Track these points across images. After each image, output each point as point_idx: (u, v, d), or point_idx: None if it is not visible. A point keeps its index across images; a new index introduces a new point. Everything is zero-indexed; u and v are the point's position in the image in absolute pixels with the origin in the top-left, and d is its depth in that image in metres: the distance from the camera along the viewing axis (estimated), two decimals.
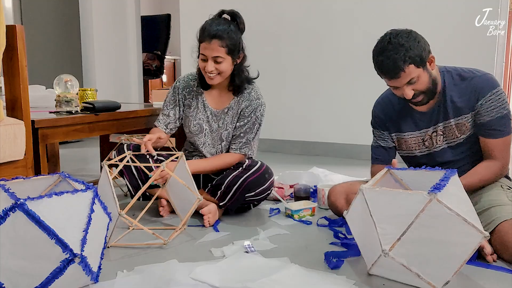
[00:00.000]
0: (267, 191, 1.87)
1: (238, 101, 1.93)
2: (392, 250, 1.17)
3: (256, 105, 1.92)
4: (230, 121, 1.94)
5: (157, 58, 5.26)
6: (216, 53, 1.77)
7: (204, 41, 1.78)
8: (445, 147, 1.65)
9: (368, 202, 1.24)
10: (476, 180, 1.57)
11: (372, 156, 1.81)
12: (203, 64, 1.82)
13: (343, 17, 3.45)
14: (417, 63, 1.47)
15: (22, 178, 1.37)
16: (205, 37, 1.77)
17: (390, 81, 1.53)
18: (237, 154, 1.92)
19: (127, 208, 1.49)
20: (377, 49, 1.53)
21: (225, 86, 1.93)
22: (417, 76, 1.49)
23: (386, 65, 1.48)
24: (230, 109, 1.93)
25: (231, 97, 1.94)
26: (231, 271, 1.34)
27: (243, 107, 1.92)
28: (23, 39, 1.62)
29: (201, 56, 1.82)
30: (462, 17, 3.04)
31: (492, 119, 1.54)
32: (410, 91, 1.52)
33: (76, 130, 1.92)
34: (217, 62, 1.79)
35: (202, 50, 1.80)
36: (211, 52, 1.77)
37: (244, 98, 1.92)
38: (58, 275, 1.11)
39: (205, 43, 1.78)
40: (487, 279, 1.30)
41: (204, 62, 1.81)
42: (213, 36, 1.75)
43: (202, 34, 1.79)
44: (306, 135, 3.69)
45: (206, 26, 1.79)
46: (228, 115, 1.94)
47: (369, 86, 3.19)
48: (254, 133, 1.94)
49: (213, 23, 1.79)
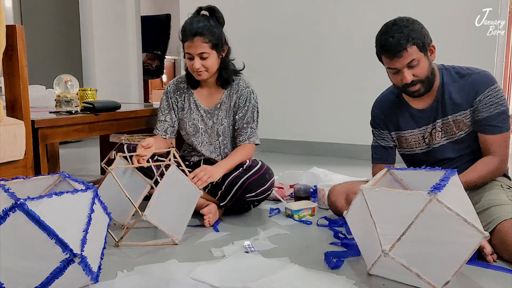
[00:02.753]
0: (268, 191, 1.87)
1: (228, 94, 1.95)
2: (392, 250, 1.17)
3: (248, 93, 1.94)
4: (224, 115, 1.95)
5: (157, 58, 5.26)
6: (200, 50, 1.78)
7: (187, 40, 1.79)
8: (445, 143, 1.66)
9: (368, 202, 1.24)
10: (474, 177, 1.57)
11: (372, 156, 1.82)
12: (190, 63, 1.84)
13: (343, 17, 3.45)
14: (420, 46, 1.50)
15: (22, 178, 1.37)
16: (187, 36, 1.79)
17: (391, 62, 1.53)
18: (249, 144, 1.93)
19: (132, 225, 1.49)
20: (381, 30, 1.56)
21: (213, 83, 1.94)
22: (418, 60, 1.51)
23: (390, 43, 1.50)
24: (223, 103, 1.95)
25: (221, 92, 1.96)
26: (231, 271, 1.34)
27: (235, 99, 1.94)
28: (23, 39, 1.62)
29: (187, 55, 1.83)
30: (462, 17, 3.04)
31: (490, 115, 1.55)
32: (410, 75, 1.53)
33: (76, 130, 1.92)
34: (203, 58, 1.80)
35: (187, 49, 1.82)
36: (195, 49, 1.79)
37: (234, 90, 1.95)
38: (58, 275, 1.11)
39: (188, 42, 1.79)
40: (487, 279, 1.30)
41: (191, 61, 1.82)
42: (194, 33, 1.77)
43: (184, 34, 1.81)
44: (306, 135, 3.69)
45: (186, 25, 1.81)
46: (222, 110, 1.95)
47: (369, 86, 3.19)
48: (256, 121, 1.98)
49: (192, 21, 1.80)
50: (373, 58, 1.69)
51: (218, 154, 1.98)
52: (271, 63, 3.68)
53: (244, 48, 2.01)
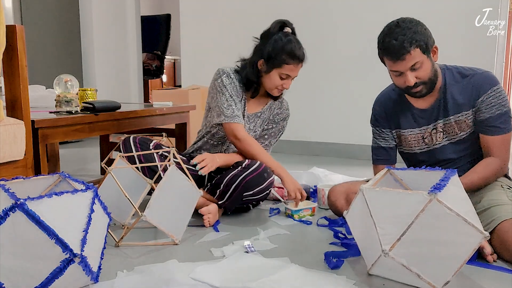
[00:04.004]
0: (266, 190, 1.87)
1: (270, 107, 2.03)
2: (392, 250, 1.17)
3: (286, 115, 2.07)
4: (260, 124, 2.01)
5: (157, 58, 5.27)
6: (294, 75, 1.88)
7: (292, 64, 1.83)
8: (446, 144, 1.66)
9: (368, 202, 1.24)
10: (476, 178, 1.57)
11: (373, 157, 1.81)
12: (280, 82, 1.87)
13: (343, 17, 3.45)
14: (423, 49, 1.48)
15: (22, 178, 1.37)
16: (294, 60, 1.83)
17: (394, 64, 1.52)
18: None
19: (132, 225, 1.49)
20: (384, 31, 1.54)
21: (263, 91, 1.98)
22: (421, 62, 1.50)
23: (393, 45, 1.48)
24: (263, 113, 2.02)
25: (265, 101, 2.02)
26: (231, 271, 1.34)
27: (275, 114, 2.04)
28: (23, 39, 1.62)
29: (284, 76, 1.86)
30: (462, 17, 3.04)
31: (492, 116, 1.55)
32: (413, 78, 1.52)
33: (76, 130, 1.92)
34: (291, 79, 1.88)
35: (287, 71, 1.85)
36: (294, 73, 1.87)
37: (277, 105, 2.04)
38: (58, 275, 1.11)
39: (292, 66, 1.84)
40: (487, 279, 1.30)
41: (283, 80, 1.87)
42: (302, 60, 1.86)
43: (289, 56, 1.82)
44: (306, 135, 3.69)
45: (294, 49, 1.82)
46: (260, 118, 2.01)
47: (369, 86, 3.18)
48: (276, 139, 2.08)
49: (297, 45, 1.84)
50: (373, 58, 1.69)
51: None
52: None
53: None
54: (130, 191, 1.64)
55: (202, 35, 4.04)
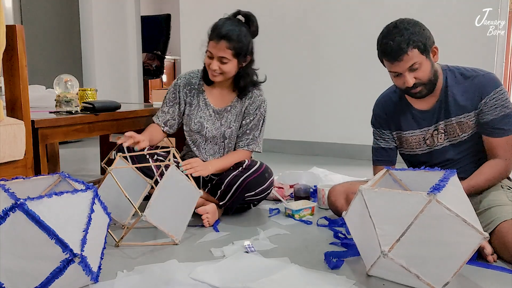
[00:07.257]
0: (267, 190, 1.87)
1: (240, 99, 1.95)
2: (391, 251, 1.17)
3: (259, 102, 1.95)
4: (233, 119, 1.95)
5: (157, 58, 5.26)
6: (222, 54, 1.78)
7: (213, 39, 1.79)
8: (447, 145, 1.65)
9: (367, 202, 1.23)
10: (482, 180, 1.56)
11: (373, 158, 1.81)
12: (208, 61, 1.84)
13: (343, 17, 3.45)
14: (421, 49, 1.48)
15: (22, 178, 1.37)
16: (215, 36, 1.79)
17: (393, 65, 1.52)
18: (246, 151, 1.94)
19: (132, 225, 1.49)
20: (382, 33, 1.55)
21: (227, 85, 1.94)
22: (420, 63, 1.50)
23: (390, 46, 1.49)
24: (233, 107, 1.95)
25: (233, 95, 1.96)
26: (231, 271, 1.34)
27: (247, 105, 1.95)
28: (23, 39, 1.62)
29: (208, 53, 1.84)
30: (462, 17, 3.04)
31: (495, 117, 1.54)
32: (412, 78, 1.52)
33: (76, 130, 1.92)
34: (222, 62, 1.81)
35: (210, 47, 1.82)
36: (218, 51, 1.79)
37: (247, 96, 1.95)
38: (58, 275, 1.11)
39: (213, 42, 1.79)
40: (487, 279, 1.30)
41: (210, 59, 1.83)
42: (222, 36, 1.77)
43: (212, 32, 1.81)
44: (306, 135, 3.69)
45: (218, 25, 1.81)
46: (231, 113, 1.95)
47: (369, 86, 3.19)
48: (260, 130, 1.97)
49: (225, 23, 1.81)
50: (373, 58, 1.69)
51: (221, 155, 1.98)
52: (271, 63, 3.68)
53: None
54: (130, 191, 1.64)
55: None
